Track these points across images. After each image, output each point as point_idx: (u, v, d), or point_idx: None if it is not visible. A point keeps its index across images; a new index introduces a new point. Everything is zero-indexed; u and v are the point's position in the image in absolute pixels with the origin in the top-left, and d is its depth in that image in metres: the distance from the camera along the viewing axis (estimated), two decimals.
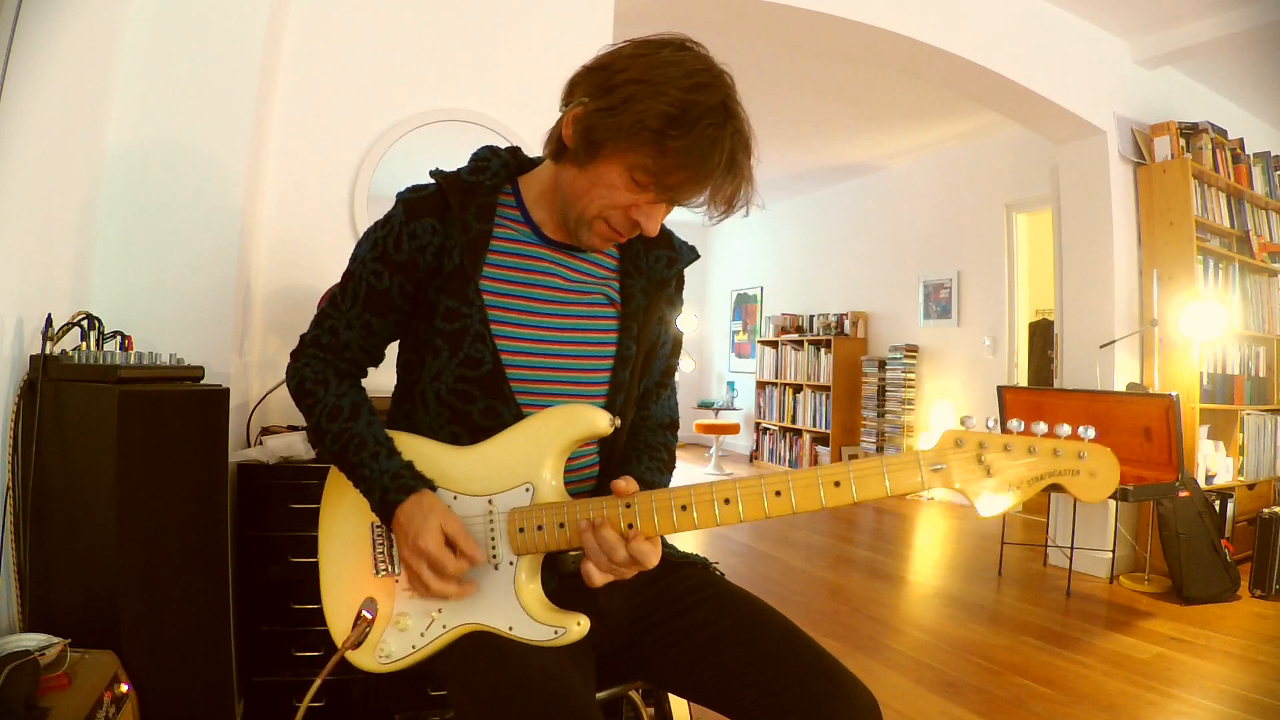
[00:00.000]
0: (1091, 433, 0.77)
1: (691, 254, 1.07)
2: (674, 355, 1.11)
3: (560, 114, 0.90)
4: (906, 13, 2.95)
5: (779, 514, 0.81)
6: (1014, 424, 0.79)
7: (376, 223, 0.97)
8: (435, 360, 0.94)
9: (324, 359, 0.99)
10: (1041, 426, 0.78)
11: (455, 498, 0.92)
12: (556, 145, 0.91)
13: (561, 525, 0.87)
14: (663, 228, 1.04)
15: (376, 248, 0.94)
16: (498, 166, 0.98)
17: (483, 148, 1.01)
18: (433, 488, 0.91)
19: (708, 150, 0.82)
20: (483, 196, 0.95)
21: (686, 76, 0.82)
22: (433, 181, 0.97)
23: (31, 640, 0.99)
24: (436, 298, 0.93)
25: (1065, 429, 0.77)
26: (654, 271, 1.03)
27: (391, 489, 0.89)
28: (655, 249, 1.03)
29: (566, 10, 2.36)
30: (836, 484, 0.80)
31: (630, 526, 0.84)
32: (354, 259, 0.97)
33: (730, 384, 7.92)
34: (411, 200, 0.94)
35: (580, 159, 0.87)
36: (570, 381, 0.97)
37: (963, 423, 0.80)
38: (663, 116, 0.80)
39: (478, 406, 0.93)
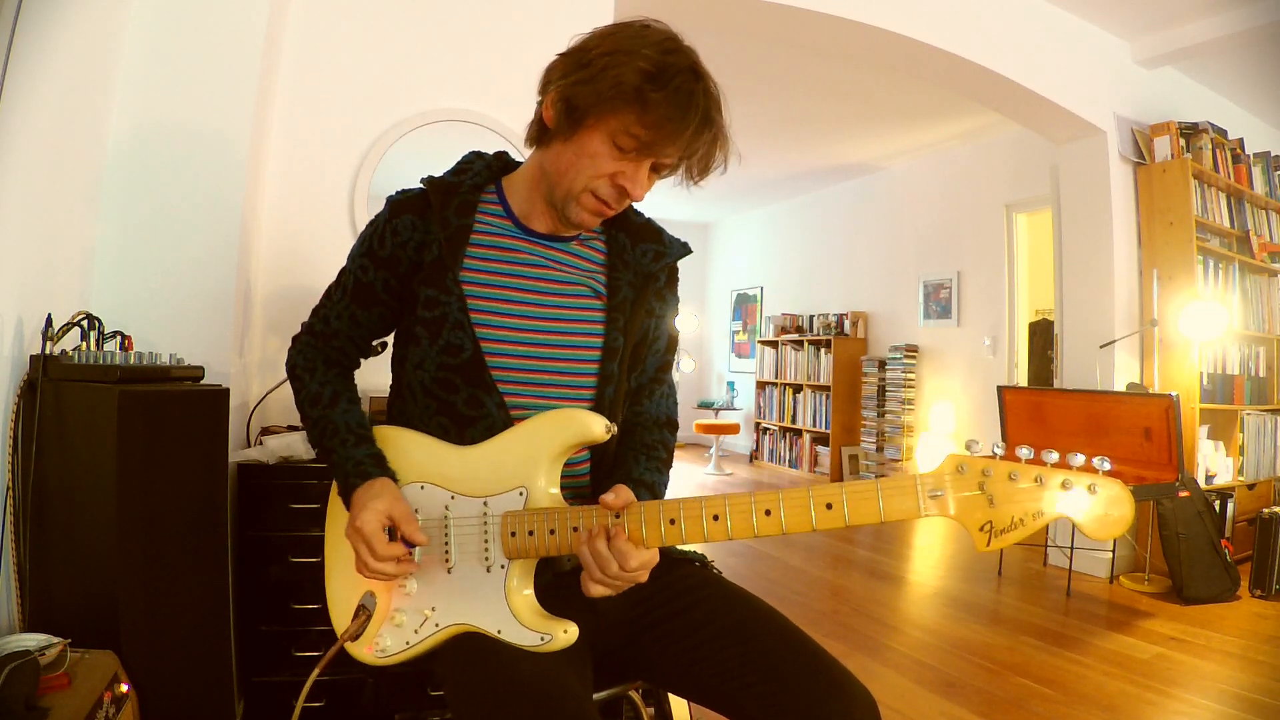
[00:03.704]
0: (1107, 464, 0.71)
1: (682, 249, 1.07)
2: (669, 352, 1.10)
3: (538, 102, 0.94)
4: (906, 13, 2.95)
5: (768, 533, 0.81)
6: (1023, 451, 0.74)
7: (369, 223, 1.02)
8: (417, 349, 0.96)
9: (315, 345, 1.05)
10: (1053, 455, 0.72)
11: (453, 498, 0.92)
12: (539, 129, 0.95)
13: (552, 532, 0.87)
14: (652, 224, 1.06)
15: (364, 244, 1.00)
16: (480, 167, 1.03)
17: (469, 152, 1.06)
18: (394, 479, 0.93)
19: (685, 105, 0.86)
20: (463, 194, 0.99)
21: (656, 45, 0.87)
22: (420, 185, 1.01)
23: (31, 640, 0.99)
24: (419, 289, 0.96)
25: (1079, 458, 0.71)
26: (641, 265, 1.03)
27: (352, 474, 0.92)
28: (642, 242, 1.04)
29: (567, 10, 2.36)
30: (829, 506, 0.79)
31: (616, 517, 0.85)
32: (349, 255, 1.03)
33: (730, 384, 7.92)
34: (397, 201, 1.00)
35: (564, 132, 0.91)
36: (556, 372, 0.97)
37: (968, 447, 0.75)
38: (640, 73, 0.84)
39: (461, 396, 0.95)
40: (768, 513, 0.81)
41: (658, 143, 0.88)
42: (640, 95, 0.84)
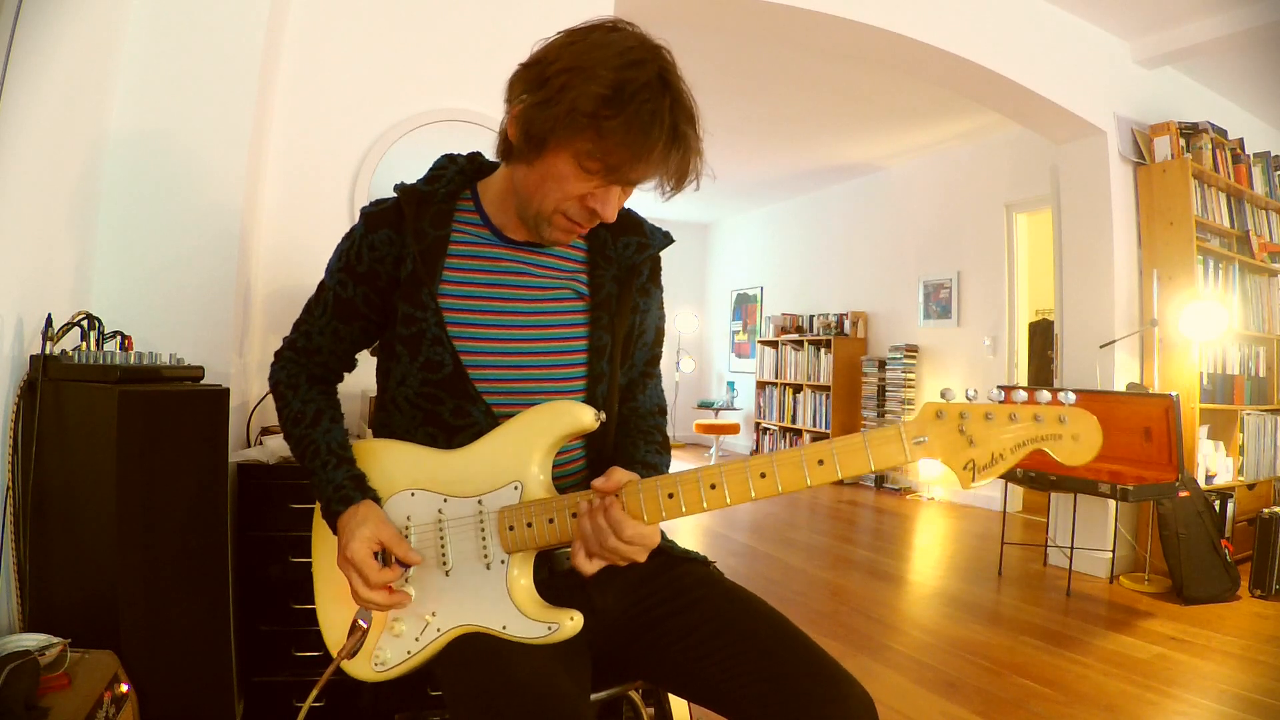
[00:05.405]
0: (1072, 397, 0.76)
1: (665, 239, 1.06)
2: (657, 344, 1.10)
3: (504, 114, 0.91)
4: (907, 13, 2.95)
5: (765, 495, 0.81)
6: (994, 393, 0.79)
7: (344, 236, 1.01)
8: (398, 366, 0.96)
9: (298, 362, 1.04)
10: (1021, 394, 0.77)
11: (446, 500, 0.92)
12: (505, 145, 0.92)
13: (550, 521, 0.87)
14: (633, 214, 1.05)
15: (341, 259, 0.99)
16: (453, 173, 1.00)
17: (441, 157, 1.03)
18: (377, 500, 0.93)
19: (647, 125, 0.81)
20: (438, 204, 0.97)
21: (618, 55, 0.82)
22: (394, 195, 0.99)
23: (31, 640, 0.99)
24: (399, 305, 0.95)
25: (1045, 395, 0.76)
26: (624, 259, 1.02)
27: (333, 499, 0.92)
28: (624, 235, 1.03)
29: (566, 10, 2.36)
30: (820, 462, 0.80)
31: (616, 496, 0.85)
32: (326, 270, 1.02)
33: (730, 384, 7.92)
34: (371, 214, 0.98)
35: (527, 156, 0.88)
36: (543, 378, 0.97)
37: (943, 395, 0.80)
38: (596, 99, 0.80)
39: (447, 407, 0.95)
40: (763, 475, 0.81)
41: (622, 166, 0.84)
42: (596, 122, 0.81)
